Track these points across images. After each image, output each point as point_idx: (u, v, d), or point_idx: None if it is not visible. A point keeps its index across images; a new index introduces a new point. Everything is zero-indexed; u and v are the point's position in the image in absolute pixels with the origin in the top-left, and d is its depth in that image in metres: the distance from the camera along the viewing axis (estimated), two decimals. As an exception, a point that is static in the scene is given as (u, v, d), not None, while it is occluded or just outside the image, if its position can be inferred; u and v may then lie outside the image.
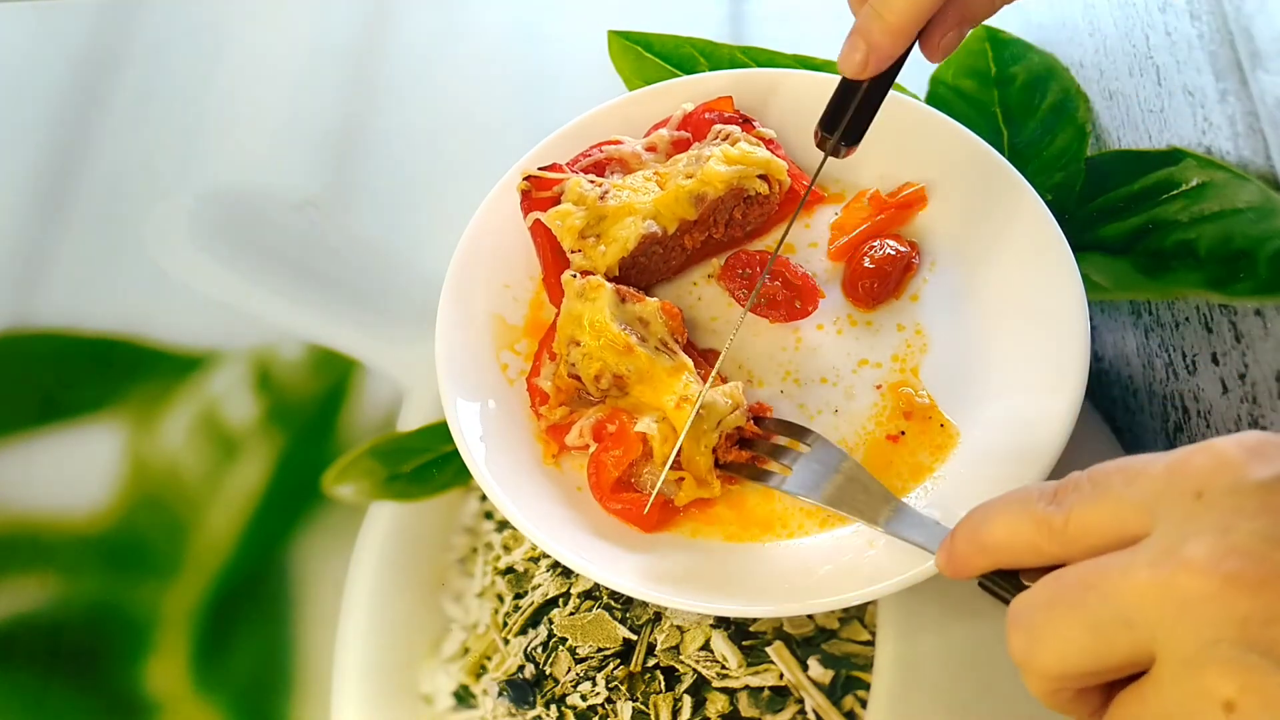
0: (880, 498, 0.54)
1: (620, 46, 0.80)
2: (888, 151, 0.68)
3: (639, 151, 0.68)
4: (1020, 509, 0.43)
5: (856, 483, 0.56)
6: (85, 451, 0.67)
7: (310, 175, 0.77)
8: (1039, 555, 0.42)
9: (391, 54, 0.84)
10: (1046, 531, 0.41)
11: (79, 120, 0.81)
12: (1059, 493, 0.42)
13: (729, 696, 0.57)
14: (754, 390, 0.63)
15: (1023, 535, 0.42)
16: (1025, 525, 0.42)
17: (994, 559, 0.44)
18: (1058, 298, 0.61)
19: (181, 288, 0.73)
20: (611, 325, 0.60)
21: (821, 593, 0.55)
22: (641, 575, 0.56)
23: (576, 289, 0.62)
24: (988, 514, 0.44)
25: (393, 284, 0.72)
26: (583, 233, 0.64)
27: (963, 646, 0.57)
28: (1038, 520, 0.42)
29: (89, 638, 0.62)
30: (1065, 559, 0.41)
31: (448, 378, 0.62)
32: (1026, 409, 0.59)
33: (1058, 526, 0.41)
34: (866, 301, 0.65)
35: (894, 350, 0.64)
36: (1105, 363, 0.65)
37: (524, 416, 0.63)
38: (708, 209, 0.65)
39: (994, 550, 0.44)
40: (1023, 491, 0.43)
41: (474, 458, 0.59)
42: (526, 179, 0.66)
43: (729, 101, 0.69)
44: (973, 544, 0.44)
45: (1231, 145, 0.72)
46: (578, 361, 0.61)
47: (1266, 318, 0.65)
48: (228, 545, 0.64)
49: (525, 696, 0.58)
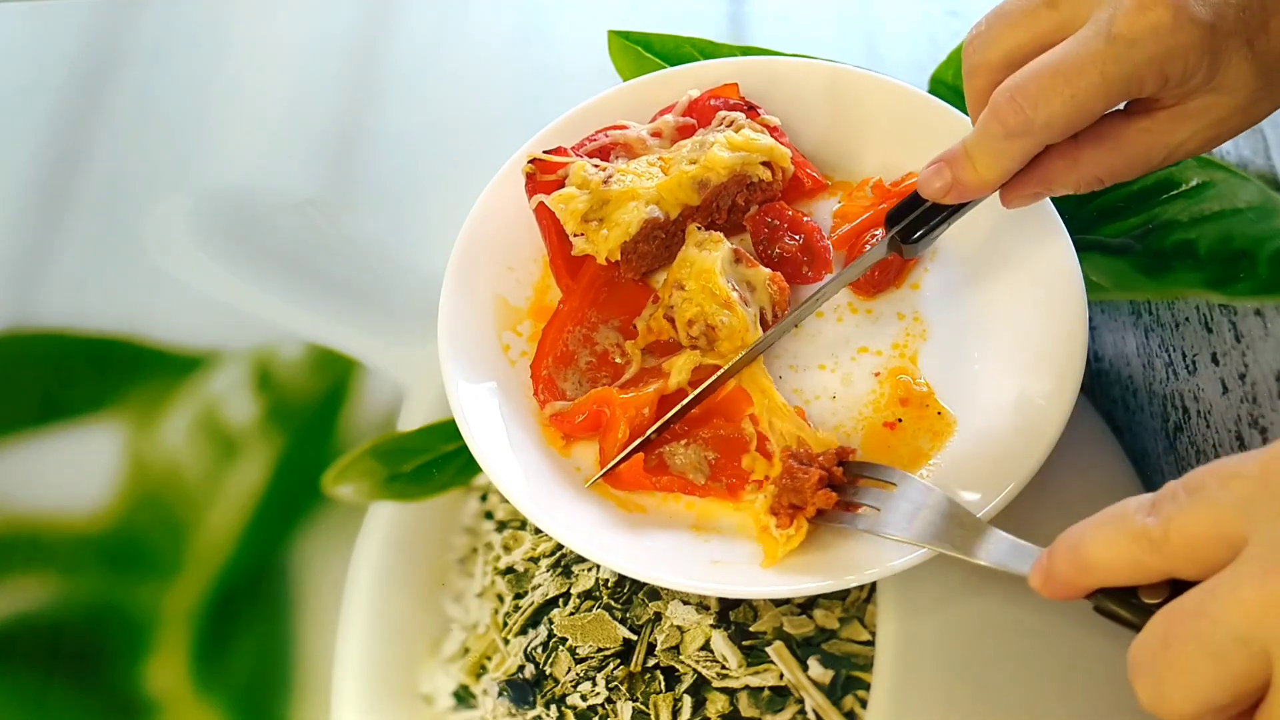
0: (973, 529, 0.52)
1: (620, 46, 0.80)
2: (891, 140, 0.68)
3: (644, 137, 0.68)
4: (1118, 524, 0.42)
5: (950, 517, 0.53)
6: (85, 451, 0.67)
7: (310, 175, 0.77)
8: (1143, 570, 0.41)
9: (391, 54, 0.84)
10: (1147, 545, 0.40)
11: (79, 120, 0.81)
12: (1156, 504, 0.41)
13: (729, 696, 0.57)
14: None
15: (1123, 551, 0.41)
16: (1124, 541, 0.41)
17: (1096, 578, 0.43)
18: (1056, 286, 0.61)
19: (181, 288, 0.73)
20: (718, 277, 0.62)
21: (825, 575, 0.55)
22: (638, 555, 0.57)
23: (698, 238, 0.64)
24: (1085, 532, 0.43)
25: (393, 284, 0.72)
26: (586, 216, 0.64)
27: (963, 647, 0.57)
28: (1136, 534, 0.41)
29: (89, 638, 0.62)
30: (1171, 572, 0.40)
31: (449, 354, 0.62)
32: (1024, 399, 0.59)
33: (1157, 539, 0.40)
34: (867, 289, 0.65)
35: (893, 338, 0.64)
36: (1105, 362, 0.65)
37: (522, 397, 0.63)
38: (711, 194, 0.65)
39: (1095, 569, 0.42)
40: (1120, 506, 0.42)
41: (471, 431, 0.60)
42: (531, 162, 0.66)
43: (734, 88, 0.69)
44: (1073, 564, 0.43)
45: (1231, 145, 0.72)
46: (676, 304, 0.62)
47: (1266, 318, 0.65)
48: (228, 545, 0.64)
49: (525, 696, 0.58)
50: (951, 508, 0.53)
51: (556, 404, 0.63)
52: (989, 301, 0.64)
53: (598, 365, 0.64)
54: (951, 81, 0.76)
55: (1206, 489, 0.40)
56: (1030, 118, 0.52)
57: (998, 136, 0.53)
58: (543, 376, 0.64)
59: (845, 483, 0.57)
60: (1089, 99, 0.51)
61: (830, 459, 0.57)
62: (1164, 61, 0.50)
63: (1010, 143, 0.53)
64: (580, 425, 0.62)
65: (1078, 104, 0.51)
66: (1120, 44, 0.49)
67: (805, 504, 0.56)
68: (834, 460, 0.57)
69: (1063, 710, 0.55)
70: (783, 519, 0.57)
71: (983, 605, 0.58)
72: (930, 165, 0.57)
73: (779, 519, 0.57)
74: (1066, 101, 0.51)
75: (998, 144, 0.54)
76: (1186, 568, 0.40)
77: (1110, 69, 0.50)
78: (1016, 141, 0.53)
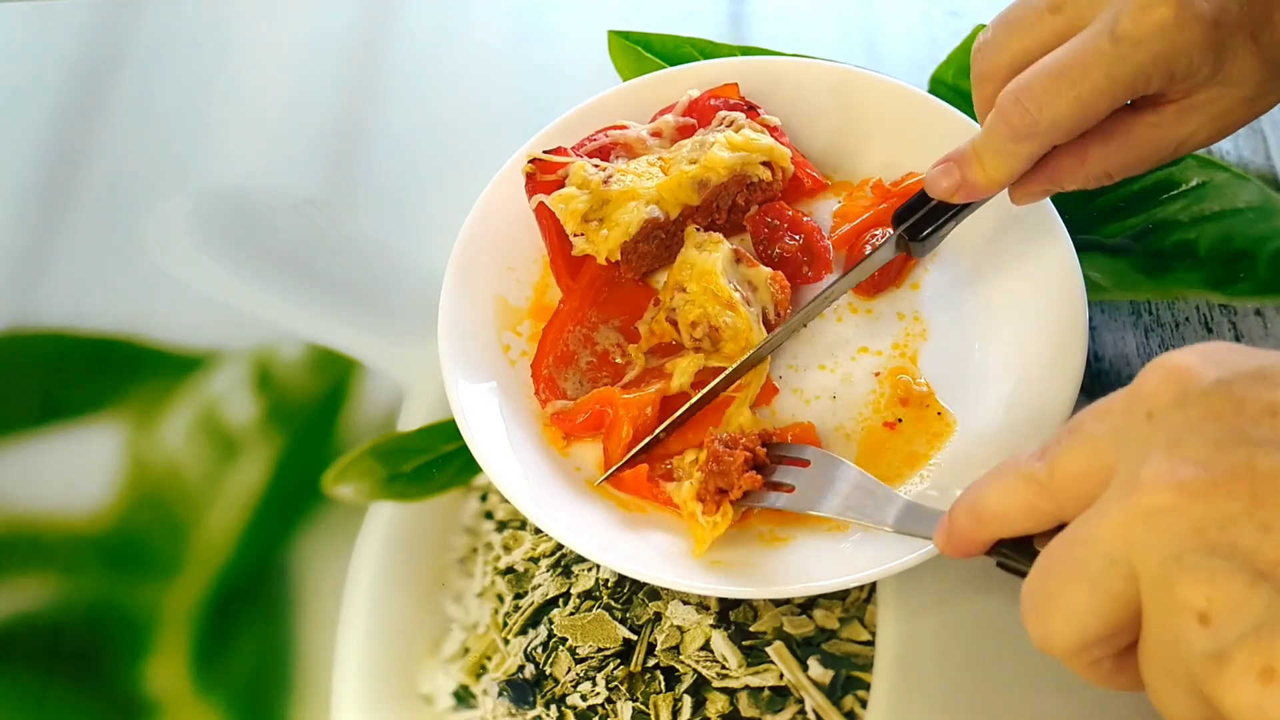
0: (884, 499, 0.54)
1: (620, 46, 0.80)
2: (891, 141, 0.68)
3: (644, 137, 0.68)
4: (1010, 473, 0.43)
5: (861, 489, 0.55)
6: (85, 451, 0.67)
7: (310, 175, 0.77)
8: (1037, 515, 0.42)
9: (391, 54, 0.84)
10: (1036, 488, 0.41)
11: (79, 120, 0.81)
12: (1046, 449, 0.42)
13: (729, 696, 0.57)
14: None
15: (1017, 498, 0.42)
16: (1017, 487, 0.42)
17: (993, 529, 0.44)
18: (1056, 287, 0.61)
19: (181, 288, 0.73)
20: (719, 277, 0.62)
21: (824, 575, 0.55)
22: (638, 555, 0.57)
23: (697, 240, 0.64)
24: (980, 485, 0.44)
25: (393, 284, 0.72)
26: (585, 216, 0.64)
27: (963, 646, 0.57)
28: (1027, 479, 0.42)
29: (89, 638, 0.61)
30: (1062, 515, 0.41)
31: (449, 354, 0.62)
32: (1024, 399, 0.59)
33: (1044, 480, 0.41)
34: (867, 289, 0.65)
35: (893, 338, 0.64)
36: (1105, 363, 0.65)
37: (522, 397, 0.64)
38: (711, 194, 0.65)
39: (991, 519, 0.43)
40: (1013, 457, 0.43)
41: (471, 430, 0.60)
42: (532, 162, 0.66)
43: (735, 88, 0.70)
44: (970, 517, 0.44)
45: (1231, 145, 0.72)
46: (679, 307, 0.62)
47: (1266, 318, 0.65)
48: (228, 545, 0.64)
49: (525, 696, 0.58)
50: (862, 480, 0.55)
51: (558, 403, 0.63)
52: (989, 302, 0.64)
53: (598, 365, 0.64)
54: (951, 81, 0.76)
55: (1084, 426, 0.40)
56: (1036, 119, 0.52)
57: (1005, 139, 0.53)
58: (543, 376, 0.64)
59: (768, 463, 0.58)
60: (1095, 100, 0.51)
61: (754, 440, 0.58)
62: (1169, 59, 0.50)
63: (1018, 144, 0.53)
64: (582, 425, 0.62)
65: (1083, 105, 0.51)
66: (1125, 44, 0.50)
67: (731, 486, 0.57)
68: (757, 441, 0.59)
69: (1064, 710, 0.55)
70: (709, 505, 0.57)
71: (983, 605, 0.58)
72: (939, 164, 0.58)
73: (705, 505, 0.57)
74: (1072, 103, 0.51)
75: (1005, 146, 0.54)
76: (1073, 505, 0.40)
77: (1116, 69, 0.50)
78: (1024, 143, 0.53)
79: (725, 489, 0.57)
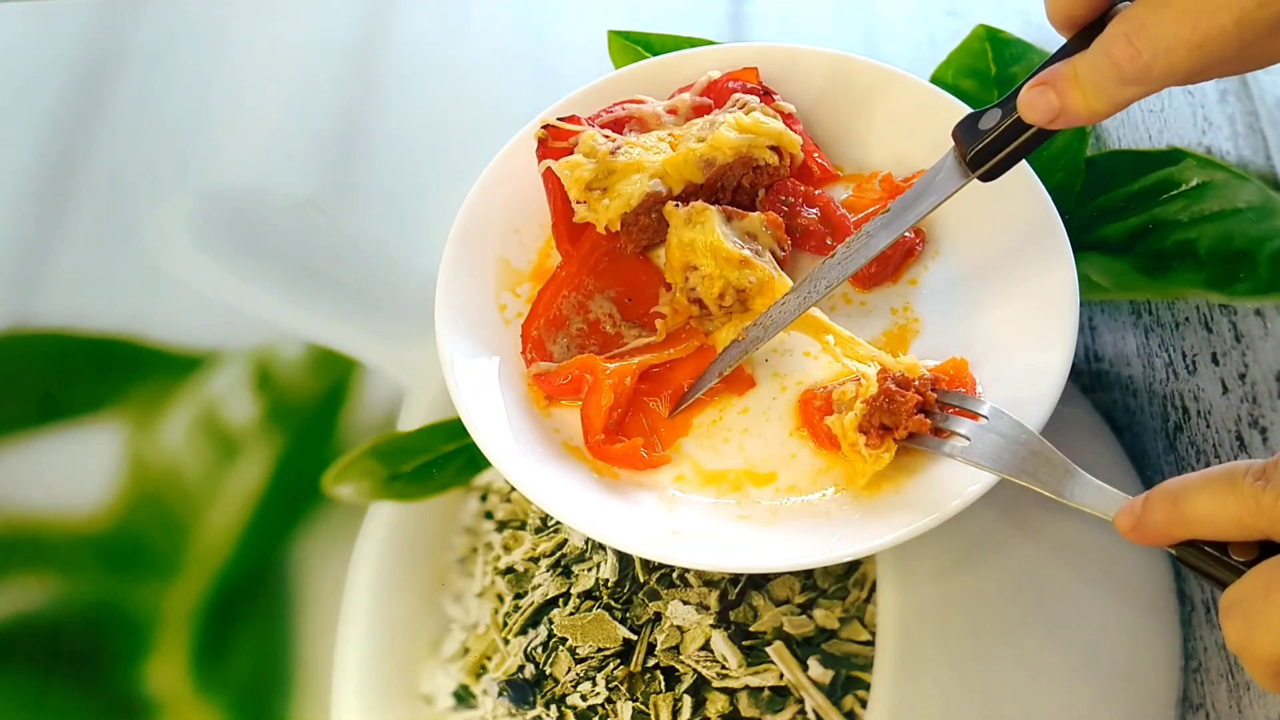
0: (1061, 469, 0.52)
1: (620, 46, 0.80)
2: (900, 133, 0.68)
3: (659, 112, 0.69)
4: (1227, 484, 0.44)
5: (1039, 455, 0.53)
6: (85, 451, 0.67)
7: (310, 175, 0.77)
8: (1243, 530, 0.43)
9: (391, 54, 0.84)
10: (1254, 507, 0.43)
11: (79, 120, 0.81)
12: (1268, 469, 0.43)
13: (729, 696, 0.57)
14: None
15: (1228, 510, 0.44)
16: (1231, 500, 0.43)
17: (1193, 531, 0.45)
18: (1051, 289, 0.61)
19: (181, 288, 0.73)
20: (725, 243, 0.62)
21: (823, 550, 0.55)
22: (604, 520, 0.57)
23: (683, 216, 0.64)
24: (1189, 486, 0.45)
25: (393, 284, 0.72)
26: (590, 185, 0.65)
27: (964, 647, 0.57)
28: (1245, 496, 0.43)
29: (89, 638, 0.61)
30: (1269, 534, 0.43)
31: (444, 305, 0.63)
32: (1014, 397, 0.59)
33: (1266, 504, 0.42)
34: (864, 282, 0.65)
35: (884, 330, 0.64)
36: (1105, 363, 0.65)
37: (512, 356, 0.64)
38: (715, 174, 0.66)
39: (1194, 522, 0.45)
40: (1229, 468, 0.44)
41: (455, 378, 0.60)
42: (545, 127, 0.67)
43: (754, 73, 0.70)
44: (1170, 515, 0.45)
45: (1231, 145, 0.72)
46: (698, 285, 0.63)
47: (1266, 318, 0.65)
48: (228, 545, 0.64)
49: (525, 696, 0.58)
50: (1040, 447, 0.54)
51: (542, 364, 0.63)
52: (984, 302, 0.63)
53: (588, 332, 0.65)
54: (951, 81, 0.76)
55: None
56: (1149, 65, 0.46)
57: (1111, 79, 0.48)
58: (533, 337, 0.64)
59: (936, 409, 0.58)
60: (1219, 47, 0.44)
61: (925, 384, 0.58)
62: None
63: (1126, 87, 0.48)
64: (562, 388, 0.62)
65: (1205, 54, 0.44)
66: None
67: (899, 425, 0.57)
68: (929, 386, 0.58)
69: (1064, 713, 0.55)
70: (873, 438, 0.57)
71: (984, 608, 0.58)
72: (1032, 85, 0.51)
73: (869, 438, 0.57)
74: (1193, 50, 0.44)
75: (1110, 85, 0.48)
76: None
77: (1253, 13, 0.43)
78: (1132, 88, 0.48)
79: (890, 427, 0.57)
